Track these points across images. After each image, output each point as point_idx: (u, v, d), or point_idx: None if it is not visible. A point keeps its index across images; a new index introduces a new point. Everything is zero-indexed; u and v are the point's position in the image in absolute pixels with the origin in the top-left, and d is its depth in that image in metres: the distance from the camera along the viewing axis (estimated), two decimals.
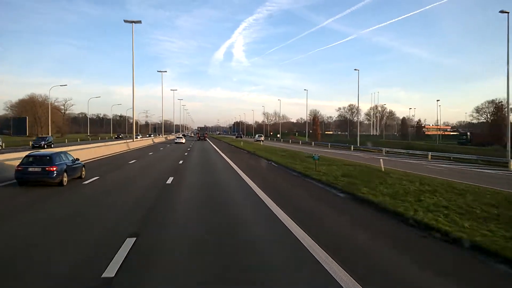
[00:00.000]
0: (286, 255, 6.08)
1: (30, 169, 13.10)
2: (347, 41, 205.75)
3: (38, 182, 13.16)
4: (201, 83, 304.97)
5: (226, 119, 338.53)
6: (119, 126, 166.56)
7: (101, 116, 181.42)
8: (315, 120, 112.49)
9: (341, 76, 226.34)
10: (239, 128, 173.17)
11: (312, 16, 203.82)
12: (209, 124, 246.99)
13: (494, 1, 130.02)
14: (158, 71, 62.55)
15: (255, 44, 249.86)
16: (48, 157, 13.49)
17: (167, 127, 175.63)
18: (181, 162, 25.45)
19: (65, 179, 13.70)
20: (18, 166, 13.32)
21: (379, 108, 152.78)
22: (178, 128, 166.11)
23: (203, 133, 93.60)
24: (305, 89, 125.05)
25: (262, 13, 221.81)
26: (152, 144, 57.59)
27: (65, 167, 13.82)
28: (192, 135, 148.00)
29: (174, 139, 68.42)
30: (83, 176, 15.67)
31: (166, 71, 60.57)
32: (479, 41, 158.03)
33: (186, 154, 34.45)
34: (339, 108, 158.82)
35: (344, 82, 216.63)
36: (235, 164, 23.01)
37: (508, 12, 32.60)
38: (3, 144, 46.02)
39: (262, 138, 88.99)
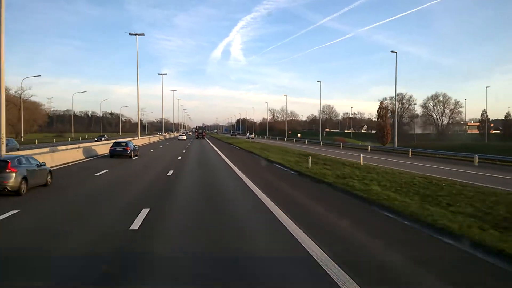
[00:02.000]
0: None
1: (117, 149, 27.10)
2: (344, 39, 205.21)
3: (119, 156, 27.08)
4: (199, 81, 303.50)
5: (225, 118, 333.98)
6: (109, 125, 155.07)
7: (89, 113, 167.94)
8: (381, 113, 70.74)
9: (339, 75, 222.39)
10: (244, 126, 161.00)
11: (310, 14, 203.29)
12: (208, 123, 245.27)
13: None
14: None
15: (253, 42, 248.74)
16: (125, 143, 27.56)
17: (165, 126, 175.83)
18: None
19: (133, 154, 27.71)
20: (111, 147, 27.34)
21: (441, 98, 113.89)
22: (169, 127, 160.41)
23: (201, 131, 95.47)
24: (393, 58, 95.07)
25: (260, 11, 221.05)
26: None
27: (132, 148, 27.81)
28: (191, 133, 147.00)
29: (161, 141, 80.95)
30: (138, 155, 29.63)
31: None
32: (478, 39, 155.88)
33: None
34: (385, 99, 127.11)
35: (343, 81, 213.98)
36: None
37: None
38: None
39: (253, 136, 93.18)
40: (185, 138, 78.61)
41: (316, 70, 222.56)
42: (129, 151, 27.31)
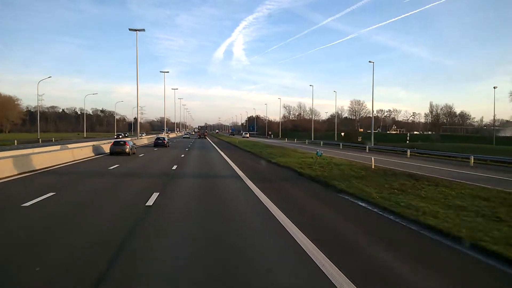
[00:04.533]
0: None
1: (159, 141, 44.12)
2: (347, 40, 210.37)
3: (160, 146, 43.84)
4: (201, 81, 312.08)
5: (228, 117, 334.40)
6: (100, 124, 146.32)
7: (78, 111, 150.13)
8: None
9: (340, 75, 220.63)
10: (259, 126, 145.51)
11: (312, 15, 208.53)
12: (211, 122, 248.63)
13: (494, 1, 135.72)
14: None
15: (255, 42, 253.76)
16: (163, 138, 44.71)
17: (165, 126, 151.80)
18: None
19: (168, 145, 44.73)
20: (154, 140, 44.57)
21: None
22: (169, 126, 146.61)
23: (203, 131, 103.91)
24: None
25: (262, 11, 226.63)
26: None
27: (165, 141, 44.85)
28: (193, 133, 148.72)
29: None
30: (168, 146, 46.41)
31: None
32: (479, 41, 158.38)
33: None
34: None
35: (344, 82, 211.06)
36: None
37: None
38: None
39: (248, 135, 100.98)
40: (188, 136, 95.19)
41: (317, 71, 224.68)
42: (165, 143, 44.11)
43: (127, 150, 28.24)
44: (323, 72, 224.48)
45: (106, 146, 30.89)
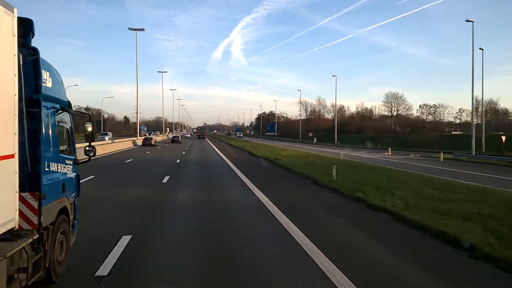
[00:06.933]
0: None
1: (175, 138, 58.15)
2: (344, 40, 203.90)
3: (175, 142, 57.04)
4: (199, 82, 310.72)
5: (226, 117, 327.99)
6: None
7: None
8: None
9: (340, 76, 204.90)
10: (279, 126, 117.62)
11: (310, 15, 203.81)
12: (210, 122, 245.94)
13: (493, 1, 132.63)
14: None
15: (253, 43, 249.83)
16: (178, 136, 58.93)
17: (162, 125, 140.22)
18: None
19: (180, 142, 58.22)
20: (172, 137, 58.49)
21: None
22: (166, 126, 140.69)
23: (202, 132, 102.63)
24: None
25: (260, 12, 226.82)
26: None
27: (179, 138, 58.56)
28: (192, 133, 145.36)
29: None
30: (181, 142, 59.79)
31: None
32: (478, 40, 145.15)
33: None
34: None
35: (343, 82, 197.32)
36: None
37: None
38: None
39: (242, 135, 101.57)
40: (189, 135, 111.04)
41: (316, 71, 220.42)
42: (179, 140, 57.57)
43: (152, 143, 44.62)
44: (322, 72, 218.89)
45: (138, 141, 46.14)
